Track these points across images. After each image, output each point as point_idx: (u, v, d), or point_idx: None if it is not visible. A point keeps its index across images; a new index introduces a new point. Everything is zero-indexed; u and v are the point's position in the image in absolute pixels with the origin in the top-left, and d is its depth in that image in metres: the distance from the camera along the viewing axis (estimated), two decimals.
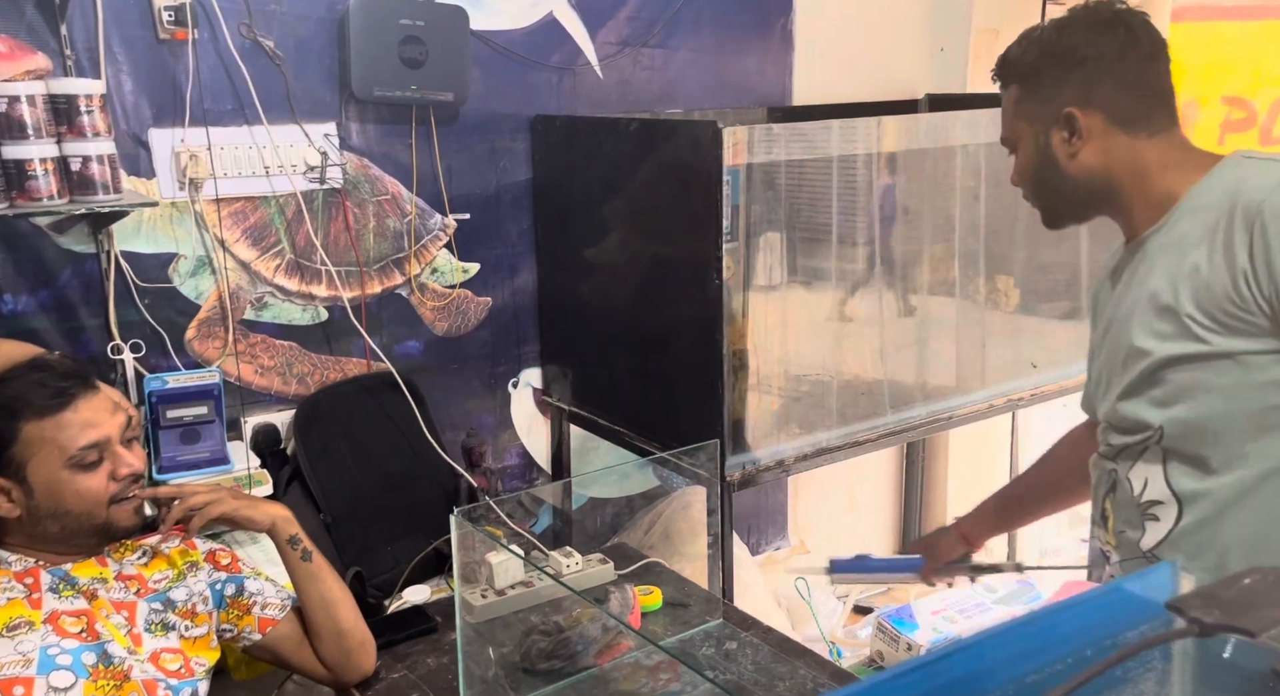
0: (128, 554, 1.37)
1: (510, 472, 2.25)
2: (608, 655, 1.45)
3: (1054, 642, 0.64)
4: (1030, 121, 1.18)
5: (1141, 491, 1.15)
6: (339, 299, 1.97)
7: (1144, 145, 1.13)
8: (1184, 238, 1.09)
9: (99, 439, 1.27)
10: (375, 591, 1.76)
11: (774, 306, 1.81)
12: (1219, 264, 1.04)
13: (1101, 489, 1.23)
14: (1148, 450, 1.14)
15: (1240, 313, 1.03)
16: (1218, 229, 1.05)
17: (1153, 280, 1.12)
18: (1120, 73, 1.12)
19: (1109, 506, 1.21)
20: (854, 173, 1.84)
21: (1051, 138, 1.16)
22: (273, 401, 1.95)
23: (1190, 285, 1.06)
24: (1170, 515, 1.12)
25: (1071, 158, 1.15)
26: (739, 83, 2.35)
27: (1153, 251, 1.14)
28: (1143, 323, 1.12)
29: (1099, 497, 1.25)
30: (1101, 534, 1.25)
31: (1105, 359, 1.22)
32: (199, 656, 1.34)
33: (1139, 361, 1.13)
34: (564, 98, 2.14)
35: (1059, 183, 1.18)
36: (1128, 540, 1.18)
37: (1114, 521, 1.20)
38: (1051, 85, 1.15)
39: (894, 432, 2.02)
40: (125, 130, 1.74)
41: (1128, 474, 1.17)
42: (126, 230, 1.76)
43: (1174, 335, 1.08)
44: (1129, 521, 1.17)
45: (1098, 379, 1.26)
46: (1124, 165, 1.14)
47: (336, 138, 1.92)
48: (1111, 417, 1.19)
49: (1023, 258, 2.13)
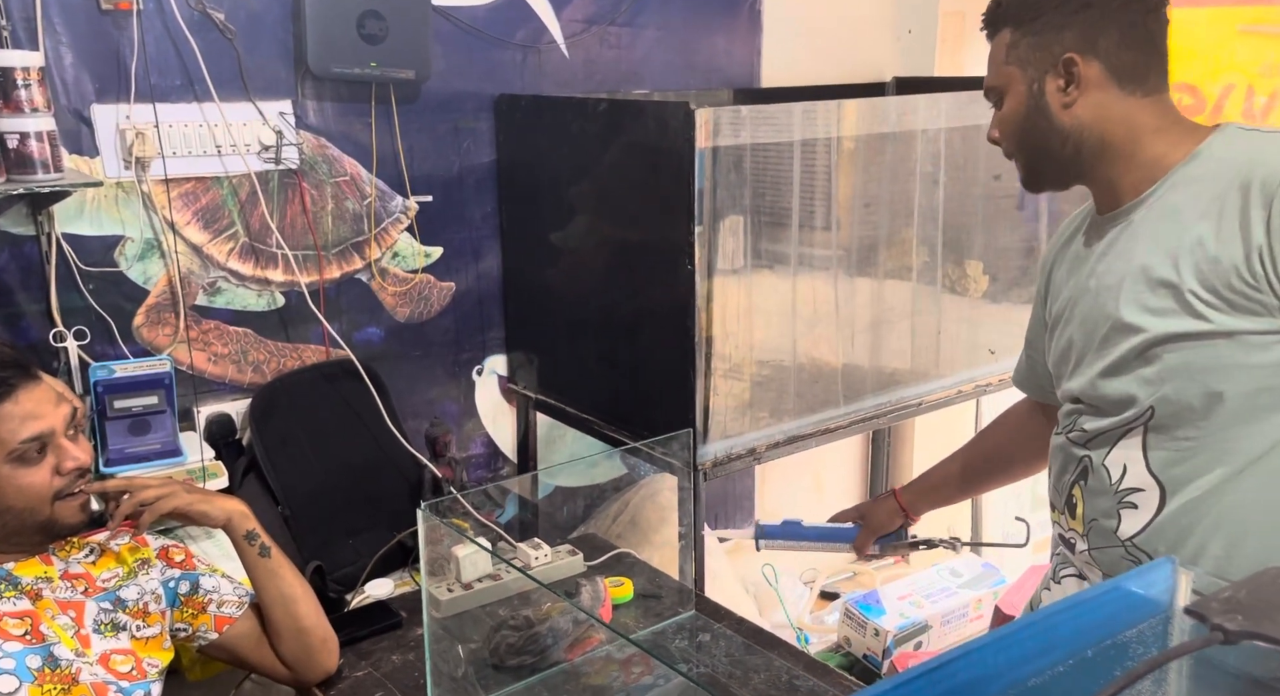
0: (74, 551, 1.31)
1: (475, 462, 2.21)
2: (579, 649, 1.43)
3: (1055, 644, 0.62)
4: (1024, 67, 1.11)
5: (1120, 479, 1.12)
6: (296, 284, 1.90)
7: (1137, 105, 1.08)
8: (1179, 209, 1.05)
9: (42, 431, 1.21)
10: (337, 586, 1.72)
11: (739, 292, 1.78)
12: (1229, 239, 1.00)
13: (1068, 475, 1.20)
14: (1128, 434, 1.11)
15: (1250, 290, 0.99)
16: (1224, 202, 1.01)
17: (1142, 252, 1.07)
18: (1125, 22, 1.07)
19: (1078, 493, 1.18)
20: (814, 156, 1.82)
21: (1046, 85, 1.10)
22: (227, 390, 1.89)
23: (1193, 259, 1.02)
24: (1151, 502, 1.10)
25: (1065, 108, 1.10)
26: (707, 63, 2.31)
27: (1139, 222, 1.10)
28: (1132, 297, 1.07)
29: (1064, 484, 1.21)
30: (1066, 521, 1.22)
31: (1076, 333, 1.17)
32: (151, 657, 1.29)
33: (1127, 337, 1.08)
34: (529, 76, 2.08)
35: (1048, 135, 1.12)
36: (1102, 528, 1.15)
37: (1084, 509, 1.17)
38: (1052, 29, 1.08)
39: (863, 419, 2.01)
40: (66, 106, 1.65)
41: (1104, 460, 1.14)
42: (69, 211, 1.68)
43: (1171, 311, 1.04)
44: (1103, 510, 1.14)
45: (1061, 355, 1.21)
46: (1116, 123, 1.09)
47: (292, 116, 1.85)
48: (1089, 396, 1.15)
49: (990, 244, 2.13)
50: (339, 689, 1.43)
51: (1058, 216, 2.21)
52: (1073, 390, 1.18)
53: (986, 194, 2.10)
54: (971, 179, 2.06)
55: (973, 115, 2.02)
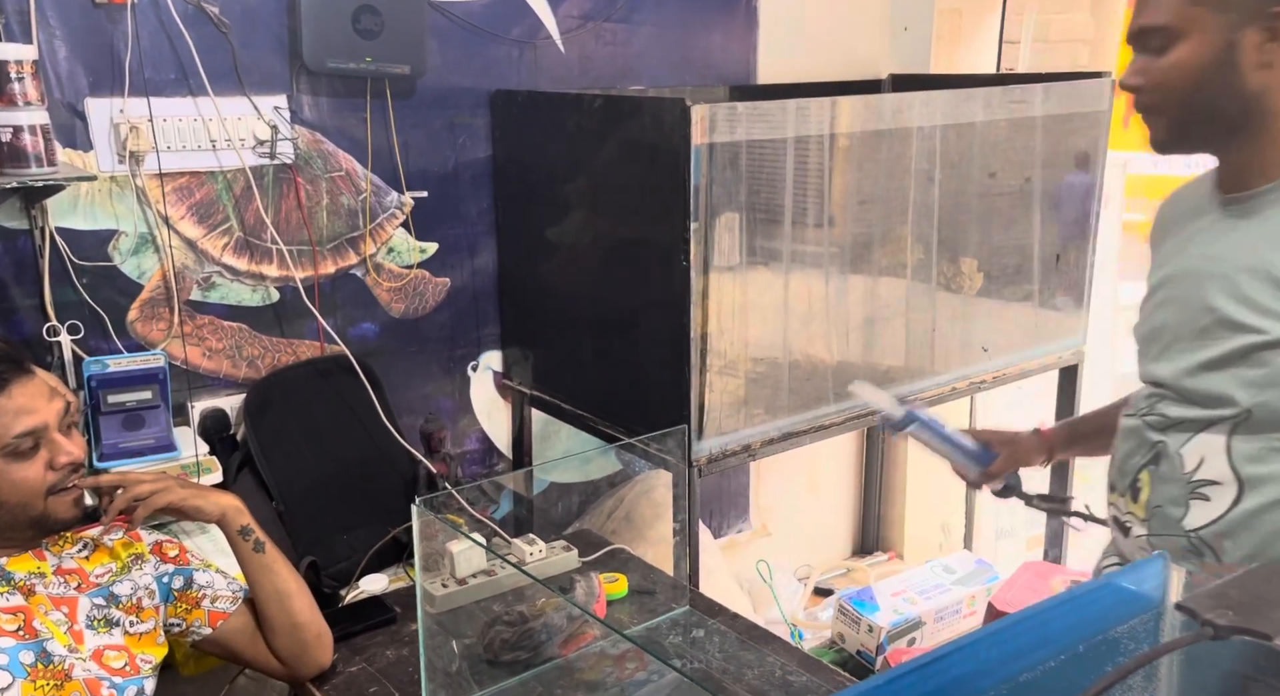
0: (67, 546, 1.30)
1: (470, 458, 2.21)
2: (573, 645, 1.43)
3: (1047, 640, 0.63)
4: (1220, 11, 0.98)
5: (1195, 469, 1.07)
6: (291, 279, 1.90)
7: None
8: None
9: (35, 426, 1.21)
10: (331, 581, 1.72)
11: (734, 288, 1.79)
12: None
13: (1137, 458, 1.13)
14: (1213, 427, 1.05)
15: None
16: None
17: (1264, 247, 1.00)
18: None
19: (1145, 478, 1.12)
20: (808, 153, 1.82)
21: (1243, 38, 0.97)
22: (221, 385, 1.88)
23: None
24: (1225, 497, 1.04)
25: (1259, 68, 0.98)
26: (703, 59, 2.31)
27: (1269, 210, 1.01)
28: (1246, 294, 1.00)
29: (1131, 467, 1.14)
30: (1126, 504, 1.16)
31: (1171, 316, 1.10)
32: (145, 653, 1.29)
33: (1233, 335, 1.02)
34: (524, 72, 2.08)
35: (1224, 94, 1.00)
36: (1166, 516, 1.09)
37: (1149, 494, 1.11)
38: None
39: (858, 416, 2.01)
40: (59, 99, 1.64)
41: (1180, 448, 1.07)
42: (62, 205, 1.68)
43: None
44: (1172, 498, 1.09)
45: (1151, 334, 1.13)
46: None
47: (287, 111, 1.84)
48: (1178, 385, 1.08)
49: (984, 241, 2.13)
50: (333, 684, 1.43)
51: (1050, 216, 2.22)
52: (1159, 375, 1.12)
53: (981, 191, 2.10)
54: (966, 176, 2.06)
55: (968, 112, 2.02)
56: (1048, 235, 2.22)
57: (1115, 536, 1.21)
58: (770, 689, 1.40)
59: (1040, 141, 2.14)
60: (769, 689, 1.40)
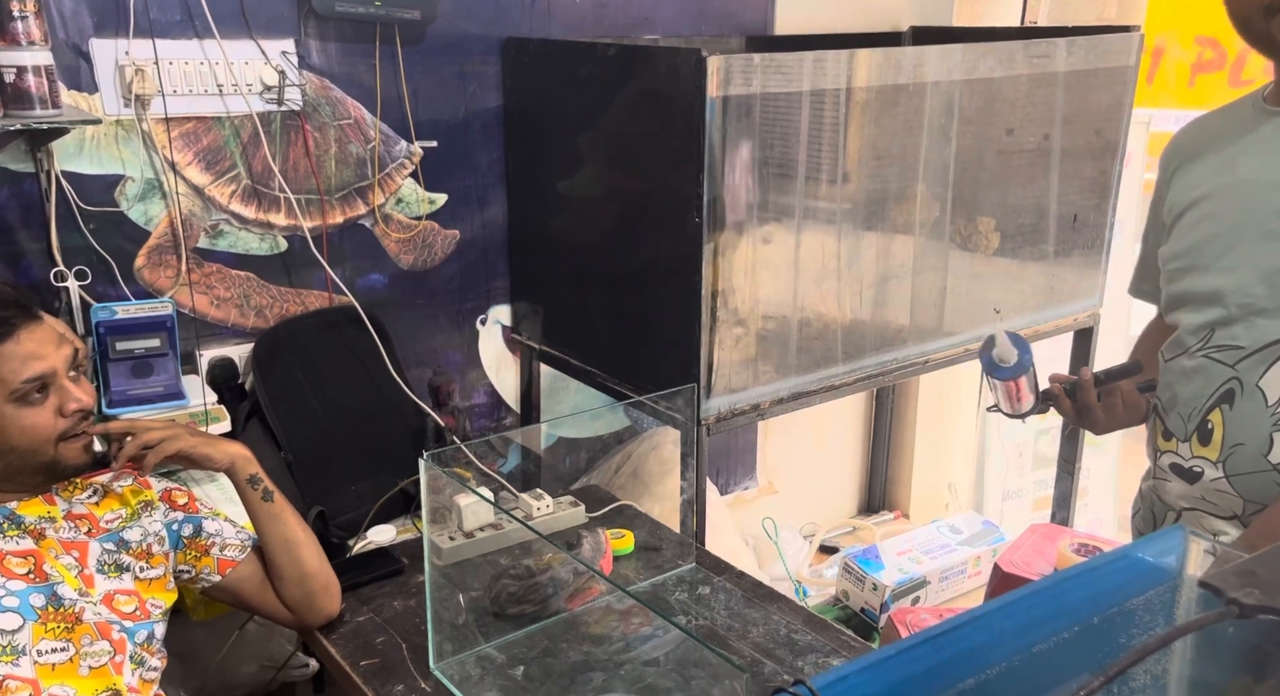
0: (77, 492, 1.31)
1: (478, 411, 2.21)
2: (579, 599, 1.43)
3: (1062, 612, 0.62)
4: None
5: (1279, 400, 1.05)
6: (299, 228, 1.88)
7: None
8: None
9: (44, 371, 1.21)
10: (339, 531, 1.72)
11: (747, 245, 1.76)
12: None
13: (1205, 400, 1.12)
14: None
15: None
16: None
17: None
18: None
19: (1216, 418, 1.10)
20: (824, 107, 1.78)
21: None
22: (229, 334, 1.88)
23: None
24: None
25: None
26: (719, 10, 2.25)
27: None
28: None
29: (1197, 410, 1.13)
30: (1193, 449, 1.14)
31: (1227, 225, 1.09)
32: (155, 598, 1.30)
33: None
34: (537, 20, 2.03)
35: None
36: (1248, 453, 1.07)
37: (1223, 434, 1.09)
38: None
39: (869, 376, 1.99)
40: (64, 39, 1.61)
41: (1259, 380, 1.06)
42: (68, 149, 1.65)
43: None
44: (1252, 432, 1.07)
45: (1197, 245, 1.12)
46: None
47: (295, 56, 1.80)
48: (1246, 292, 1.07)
49: (1001, 200, 2.09)
50: (340, 633, 1.44)
51: (1069, 174, 2.17)
52: (1219, 285, 1.10)
53: (1000, 149, 2.06)
54: (985, 134, 2.01)
55: (987, 68, 1.97)
56: (1065, 194, 2.18)
57: (1168, 486, 1.19)
58: (775, 646, 1.41)
59: (1062, 97, 2.09)
60: (773, 646, 1.41)
